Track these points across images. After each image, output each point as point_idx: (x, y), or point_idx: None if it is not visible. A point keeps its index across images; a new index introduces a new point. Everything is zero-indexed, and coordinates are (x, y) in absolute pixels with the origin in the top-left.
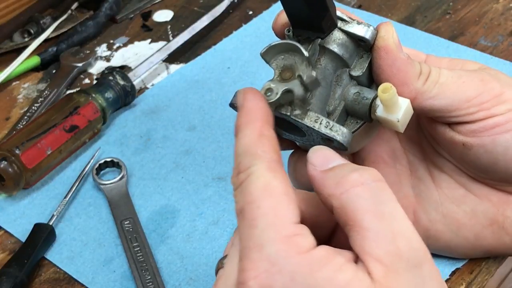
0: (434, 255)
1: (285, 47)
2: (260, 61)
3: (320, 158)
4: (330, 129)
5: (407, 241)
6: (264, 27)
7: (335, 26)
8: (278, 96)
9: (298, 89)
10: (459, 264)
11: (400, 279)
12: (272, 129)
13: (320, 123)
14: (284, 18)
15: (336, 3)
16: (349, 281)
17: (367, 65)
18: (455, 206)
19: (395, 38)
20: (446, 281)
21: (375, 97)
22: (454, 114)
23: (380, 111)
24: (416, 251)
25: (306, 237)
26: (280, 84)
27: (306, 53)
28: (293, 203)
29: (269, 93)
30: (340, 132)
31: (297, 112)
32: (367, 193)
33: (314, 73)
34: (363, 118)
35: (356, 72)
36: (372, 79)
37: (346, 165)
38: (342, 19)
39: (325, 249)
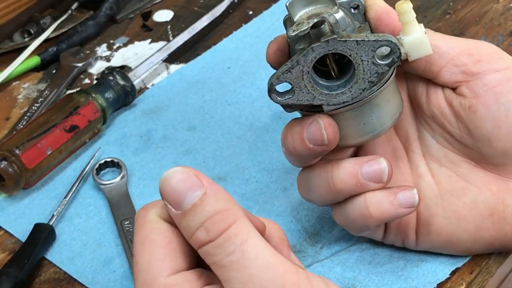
0: (435, 254)
1: None
2: (260, 61)
3: None
4: (378, 35)
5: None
6: (264, 27)
7: None
8: (309, 25)
9: (332, 18)
10: (459, 264)
11: None
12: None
13: (367, 36)
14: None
15: None
16: None
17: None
18: (455, 199)
19: None
20: (446, 281)
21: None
22: (456, 63)
23: (404, 36)
24: None
25: (181, 286)
26: (311, 20)
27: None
28: (171, 254)
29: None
30: (389, 36)
31: (341, 35)
32: None
33: (343, 14)
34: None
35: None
36: None
37: None
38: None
39: None
